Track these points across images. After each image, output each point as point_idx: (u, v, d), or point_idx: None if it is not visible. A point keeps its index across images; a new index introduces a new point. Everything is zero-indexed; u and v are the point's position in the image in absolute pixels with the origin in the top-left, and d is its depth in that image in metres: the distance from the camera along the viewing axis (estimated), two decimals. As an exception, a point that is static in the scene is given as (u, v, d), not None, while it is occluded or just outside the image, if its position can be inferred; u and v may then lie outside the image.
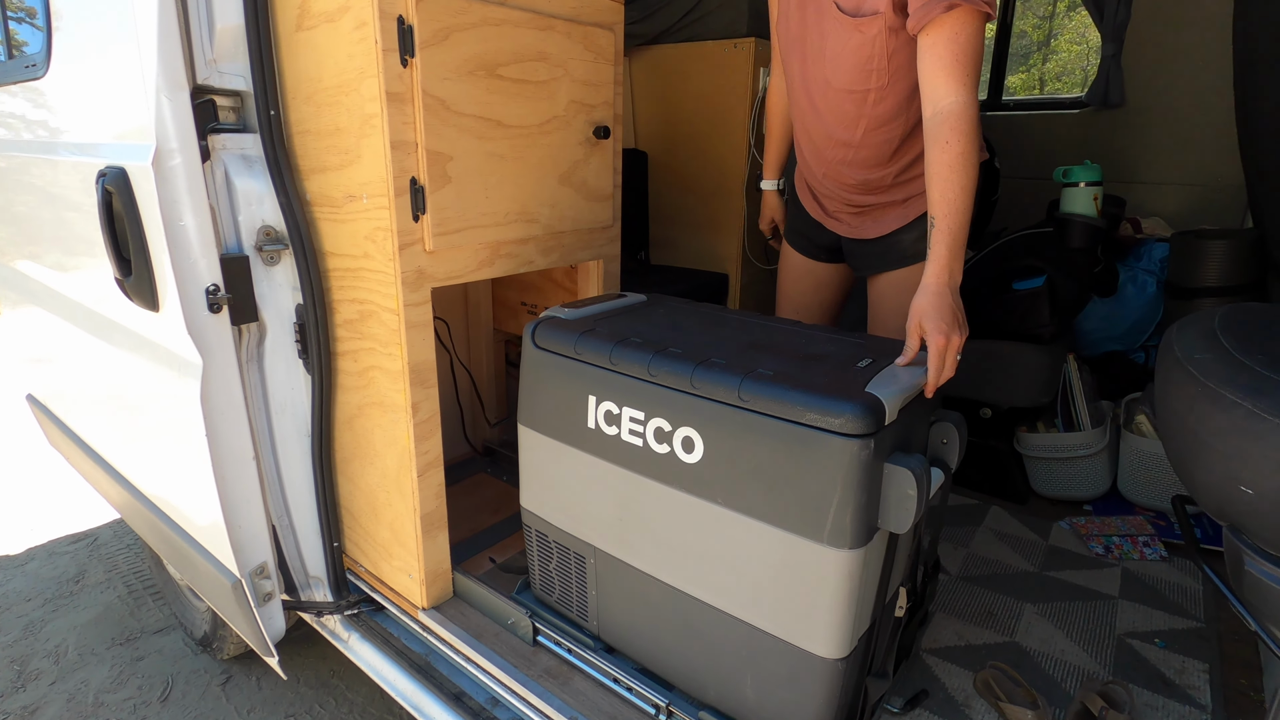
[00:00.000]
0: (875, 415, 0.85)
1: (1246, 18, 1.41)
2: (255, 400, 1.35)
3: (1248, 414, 0.63)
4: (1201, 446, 0.68)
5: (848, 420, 0.84)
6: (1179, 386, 0.74)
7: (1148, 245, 2.02)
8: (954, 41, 1.02)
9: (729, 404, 0.93)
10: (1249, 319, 0.84)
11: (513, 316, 1.93)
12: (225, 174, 1.23)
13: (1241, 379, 0.66)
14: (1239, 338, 0.77)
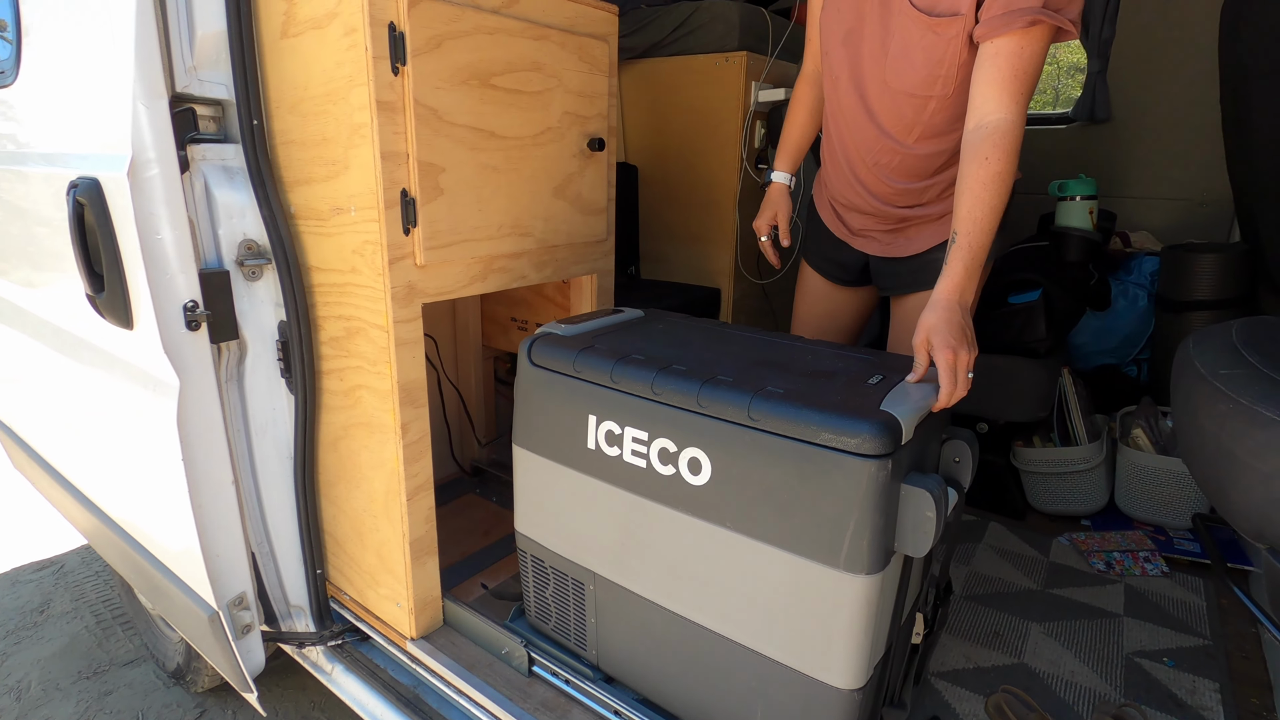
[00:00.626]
0: (892, 434, 0.82)
1: (1236, 33, 1.42)
2: (235, 421, 1.29)
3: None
4: (1238, 466, 0.65)
5: (864, 440, 0.81)
6: (1207, 404, 0.72)
7: (1138, 259, 2.03)
8: (1018, 56, 0.98)
9: (738, 423, 0.90)
10: (1269, 332, 0.82)
11: (503, 333, 1.88)
12: (205, 185, 1.18)
13: (1277, 395, 0.64)
14: (1264, 352, 0.75)
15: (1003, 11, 0.98)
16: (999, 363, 1.76)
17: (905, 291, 1.33)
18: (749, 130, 2.03)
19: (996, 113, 0.99)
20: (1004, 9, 0.98)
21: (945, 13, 1.05)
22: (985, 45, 1.02)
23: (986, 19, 1.01)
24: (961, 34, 1.05)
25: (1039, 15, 0.96)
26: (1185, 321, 1.85)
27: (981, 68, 1.02)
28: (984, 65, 1.02)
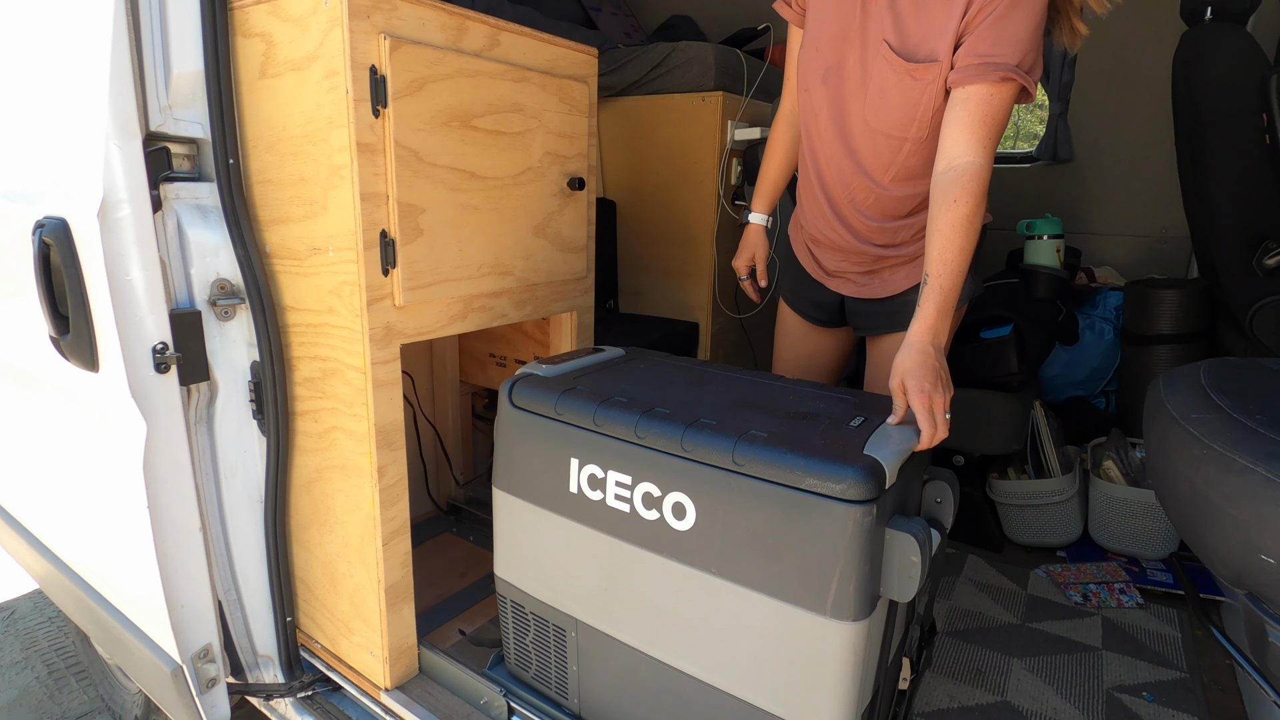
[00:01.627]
0: (876, 479, 0.82)
1: (1189, 82, 1.49)
2: (203, 464, 1.25)
3: (1264, 480, 0.62)
4: (1214, 511, 0.67)
5: (849, 485, 0.81)
6: (1181, 448, 0.73)
7: (1102, 294, 2.09)
8: (988, 102, 1.01)
9: (723, 468, 0.89)
10: (1235, 374, 0.85)
11: (480, 369, 1.86)
12: (178, 224, 1.16)
13: (1251, 442, 0.66)
14: (1232, 396, 0.77)
15: (978, 62, 1.01)
16: (973, 397, 1.78)
17: (881, 332, 1.34)
18: (726, 168, 2.06)
19: (965, 156, 1.02)
20: (980, 60, 1.01)
21: (923, 59, 1.08)
22: (957, 90, 1.05)
23: (961, 66, 1.04)
24: (938, 80, 1.08)
25: (1011, 73, 1.00)
26: (1150, 355, 1.90)
27: (952, 111, 1.05)
28: (954, 109, 1.05)
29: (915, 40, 1.09)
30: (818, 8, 1.21)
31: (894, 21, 1.11)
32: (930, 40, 1.07)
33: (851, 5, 1.15)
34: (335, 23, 1.00)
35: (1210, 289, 1.79)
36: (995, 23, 1.00)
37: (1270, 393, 0.80)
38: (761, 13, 2.80)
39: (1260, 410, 0.72)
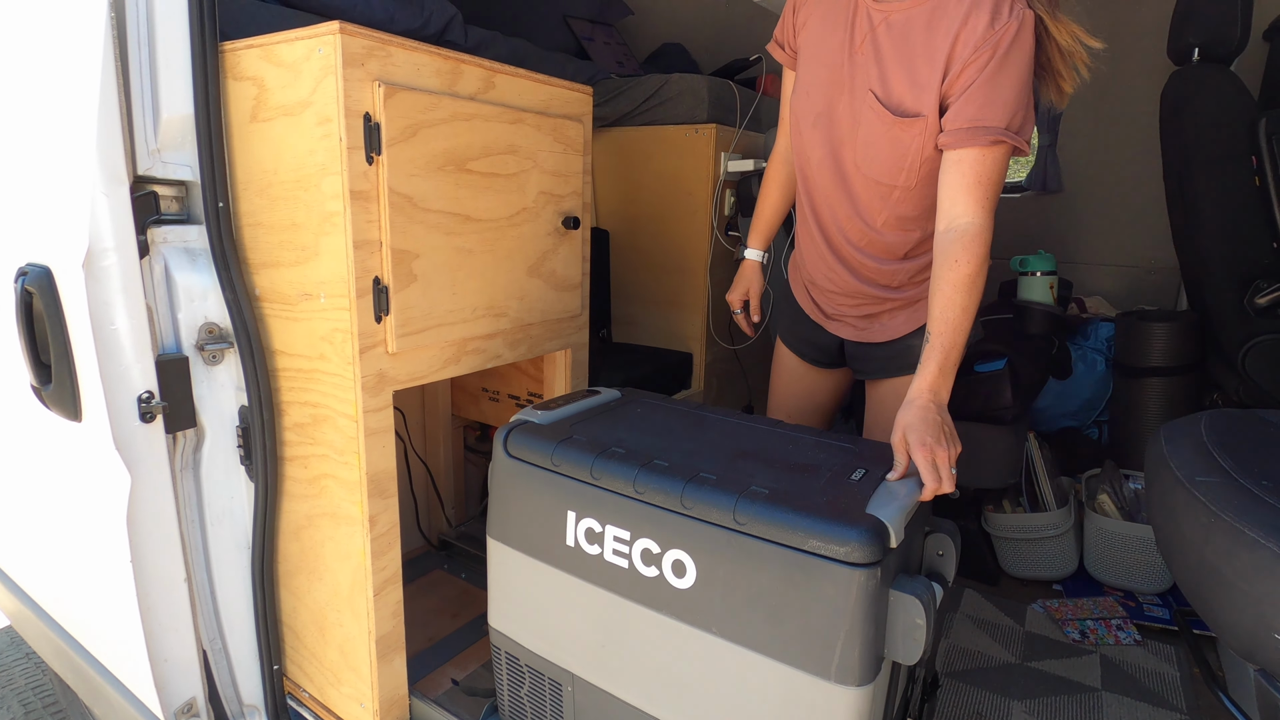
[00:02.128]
0: (880, 540, 0.81)
1: (1179, 122, 1.50)
2: (189, 512, 1.22)
3: (1275, 557, 0.61)
4: (1226, 585, 0.66)
5: (853, 548, 0.80)
6: (1187, 513, 0.72)
7: (1094, 324, 2.10)
8: (980, 164, 1.01)
9: (723, 526, 0.88)
10: (1237, 429, 0.84)
11: (473, 403, 1.84)
12: (165, 269, 1.14)
13: (1260, 512, 0.65)
14: (1236, 456, 0.77)
15: (969, 126, 1.01)
16: (968, 430, 1.77)
17: (880, 377, 1.33)
18: (719, 199, 2.06)
19: (964, 217, 1.02)
20: (970, 124, 1.01)
21: (908, 113, 1.08)
22: (949, 153, 1.05)
23: (952, 130, 1.03)
24: (924, 133, 1.08)
25: (1001, 136, 1.00)
26: (1142, 387, 1.91)
27: (947, 172, 1.05)
28: (949, 170, 1.05)
29: (900, 93, 1.09)
30: (809, 53, 1.22)
31: (879, 73, 1.11)
32: (915, 94, 1.07)
33: (840, 53, 1.15)
34: (329, 70, 0.99)
35: (1201, 322, 1.80)
36: (982, 86, 1.00)
37: (1274, 451, 0.79)
38: (752, 41, 2.83)
39: (1265, 474, 0.71)
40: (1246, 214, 1.43)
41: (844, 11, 1.15)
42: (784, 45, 1.28)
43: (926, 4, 1.06)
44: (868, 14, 1.11)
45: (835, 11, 1.16)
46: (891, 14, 1.09)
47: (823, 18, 1.19)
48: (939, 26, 1.04)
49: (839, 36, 1.15)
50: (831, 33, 1.17)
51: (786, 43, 1.28)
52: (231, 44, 1.11)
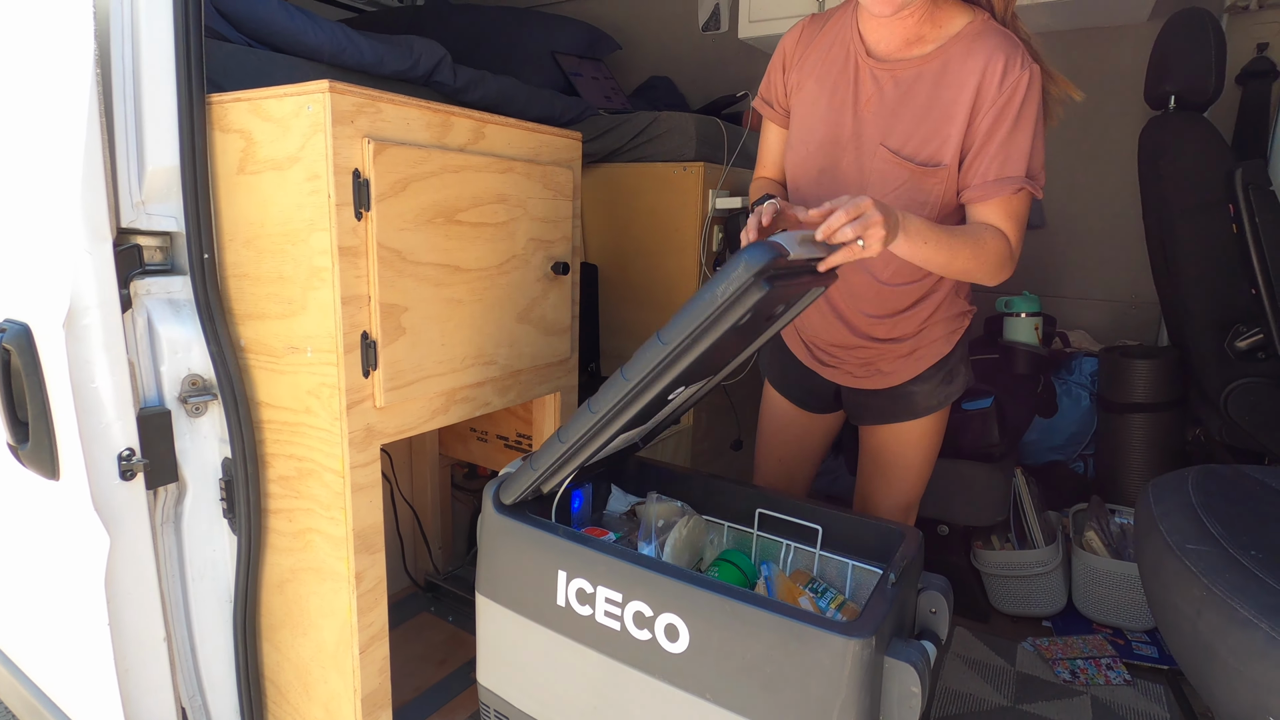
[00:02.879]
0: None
1: (1157, 173, 1.53)
2: (169, 567, 1.19)
3: (1268, 638, 0.62)
4: (1220, 662, 0.66)
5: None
6: (1179, 583, 0.73)
7: (1078, 359, 2.12)
8: (1008, 206, 1.08)
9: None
10: (1225, 490, 0.85)
11: (461, 442, 1.83)
12: (149, 321, 1.12)
13: (1252, 589, 0.65)
14: (1225, 522, 0.77)
15: (995, 179, 1.06)
16: (958, 468, 1.79)
17: (880, 422, 1.32)
18: (707, 235, 2.07)
19: (998, 226, 1.07)
20: (996, 176, 1.06)
21: (931, 162, 1.11)
22: (978, 205, 1.09)
23: (978, 184, 1.08)
24: (945, 181, 1.11)
25: (1024, 184, 1.06)
26: (1125, 422, 1.93)
27: (978, 216, 1.10)
28: (979, 213, 1.10)
29: (917, 144, 1.12)
30: (805, 112, 1.23)
31: (893, 127, 1.13)
32: (936, 144, 1.10)
33: (843, 112, 1.17)
34: (318, 128, 0.99)
35: (1182, 359, 1.82)
36: (1003, 144, 1.05)
37: (1260, 515, 0.80)
38: (738, 76, 2.86)
39: (1254, 543, 0.72)
40: (1225, 260, 1.46)
41: (843, 72, 1.17)
42: (773, 104, 1.30)
43: (935, 60, 1.09)
44: (872, 73, 1.14)
45: (832, 72, 1.18)
46: (898, 71, 1.12)
47: (819, 79, 1.20)
48: (951, 80, 1.08)
49: (841, 95, 1.17)
50: (831, 93, 1.19)
51: (776, 101, 1.29)
52: (219, 96, 1.11)
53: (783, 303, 1.06)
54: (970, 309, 1.32)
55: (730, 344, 1.02)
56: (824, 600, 1.07)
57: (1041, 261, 2.34)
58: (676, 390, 1.07)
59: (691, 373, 0.98)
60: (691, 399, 1.23)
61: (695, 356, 0.88)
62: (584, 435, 0.97)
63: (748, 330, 1.01)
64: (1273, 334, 1.41)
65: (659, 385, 0.92)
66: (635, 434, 1.20)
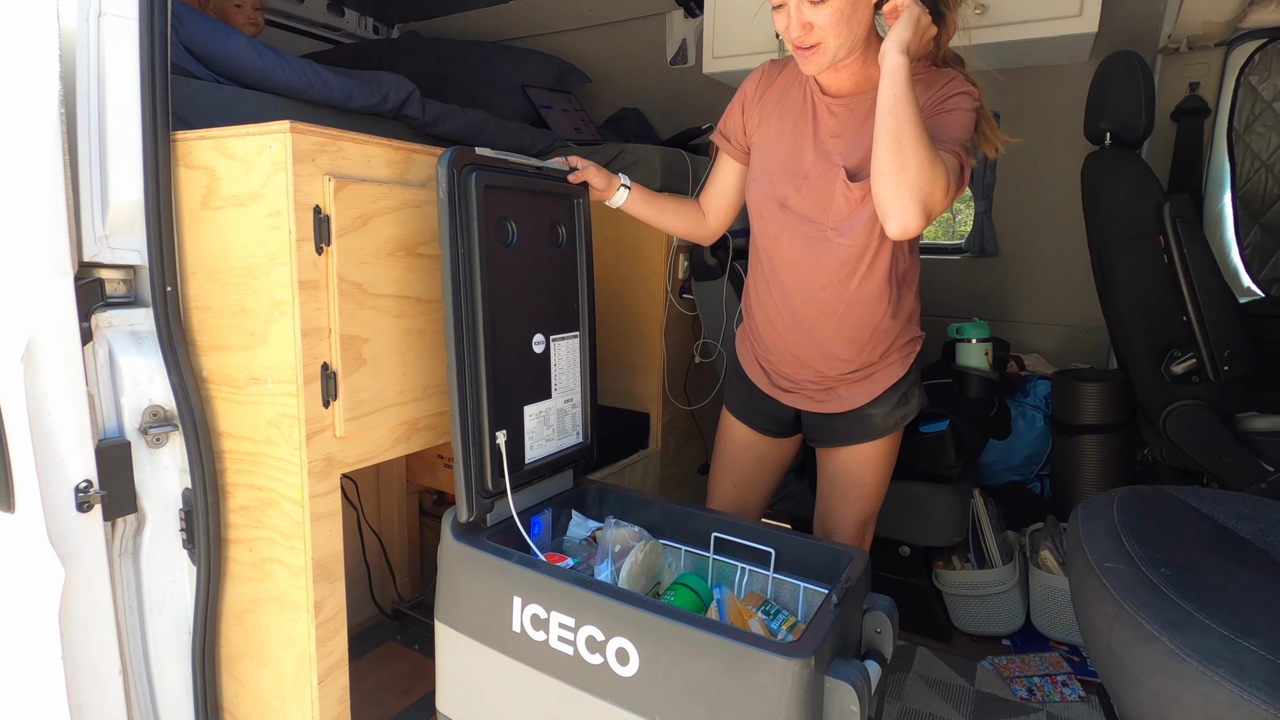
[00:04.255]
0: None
1: (1095, 206, 1.61)
2: (127, 599, 1.19)
3: (1168, 651, 0.66)
4: (1129, 676, 0.70)
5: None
6: (1097, 602, 0.77)
7: (1032, 382, 2.19)
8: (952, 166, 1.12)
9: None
10: (1147, 510, 0.90)
11: (429, 469, 1.83)
12: (109, 353, 1.13)
13: (1158, 606, 0.69)
14: (1143, 540, 0.81)
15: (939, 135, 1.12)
16: (915, 490, 1.83)
17: (839, 444, 1.37)
18: (673, 263, 2.12)
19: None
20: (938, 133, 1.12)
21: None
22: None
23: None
24: None
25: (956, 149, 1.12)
26: (1078, 443, 2.00)
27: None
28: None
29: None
30: (767, 147, 1.30)
31: (853, 151, 1.21)
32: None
33: (803, 144, 1.26)
34: (279, 166, 1.02)
35: (1129, 382, 1.89)
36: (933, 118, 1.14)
37: (1177, 534, 0.85)
38: (704, 108, 2.95)
39: (1167, 560, 0.76)
40: (1159, 288, 1.54)
41: (803, 110, 1.27)
42: (731, 139, 1.37)
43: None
44: (829, 110, 1.24)
45: (792, 110, 1.28)
46: (853, 105, 1.22)
47: (780, 116, 1.30)
48: None
49: (801, 130, 1.27)
50: (791, 129, 1.28)
51: (734, 137, 1.37)
52: (184, 134, 1.14)
53: (557, 220, 1.29)
54: (922, 334, 1.38)
55: (541, 269, 1.25)
56: (776, 622, 1.10)
57: (995, 288, 2.43)
58: (536, 339, 1.22)
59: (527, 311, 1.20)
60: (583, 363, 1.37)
61: (480, 270, 1.08)
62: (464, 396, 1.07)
63: (539, 249, 1.24)
64: (1204, 359, 1.48)
65: (478, 315, 1.08)
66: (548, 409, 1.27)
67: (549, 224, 1.28)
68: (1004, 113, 2.26)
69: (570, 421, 1.33)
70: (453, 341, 1.07)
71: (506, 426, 1.16)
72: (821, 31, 1.10)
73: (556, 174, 1.29)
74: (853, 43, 1.13)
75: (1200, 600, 0.69)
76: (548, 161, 1.27)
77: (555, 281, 1.30)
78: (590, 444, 1.36)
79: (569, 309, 1.34)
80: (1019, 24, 1.89)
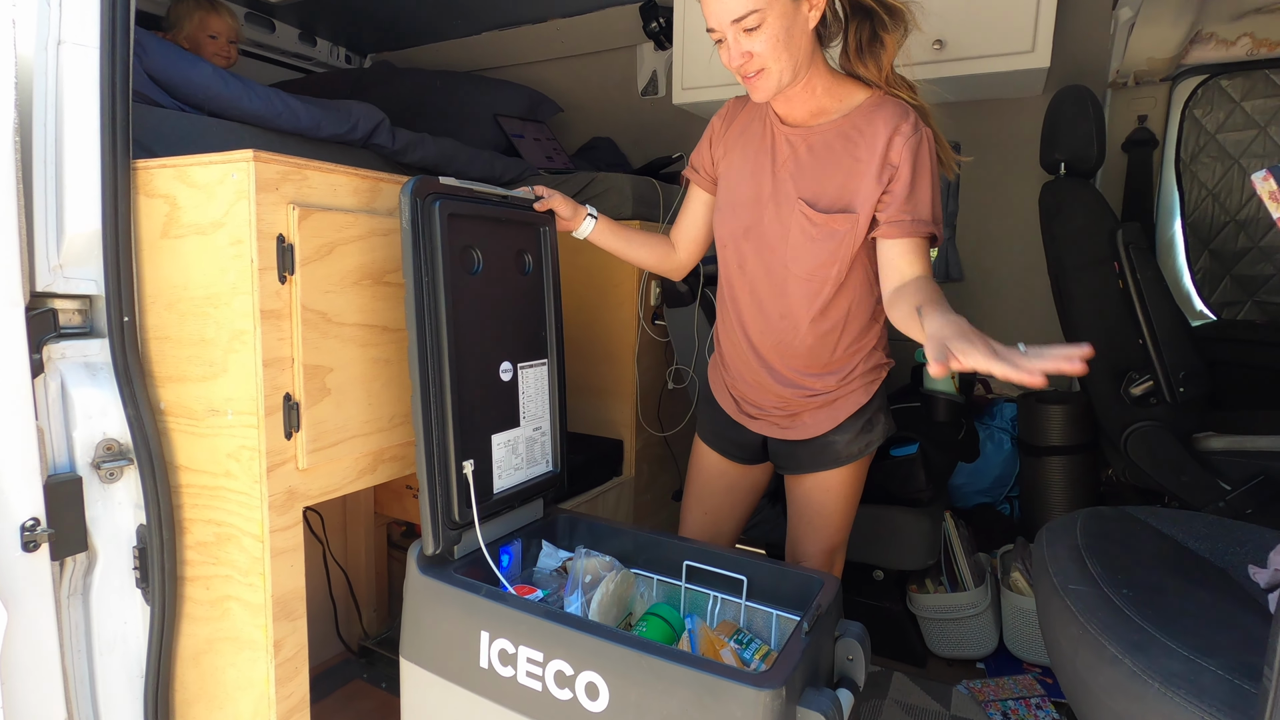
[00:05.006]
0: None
1: (1052, 233, 1.66)
2: (75, 642, 1.14)
3: (1130, 674, 0.66)
4: (1094, 698, 0.70)
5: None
6: (1062, 624, 0.77)
7: (999, 404, 2.23)
8: (918, 247, 1.18)
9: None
10: (1108, 531, 0.91)
11: (396, 500, 1.80)
12: (61, 385, 1.10)
13: (1120, 628, 0.70)
14: (1105, 561, 0.82)
15: (911, 219, 1.17)
16: (886, 514, 1.84)
17: (803, 472, 1.37)
18: (645, 291, 2.13)
19: (916, 271, 1.16)
20: (911, 216, 1.17)
21: (842, 210, 1.21)
22: (890, 241, 1.19)
23: (897, 220, 1.18)
24: (855, 228, 1.21)
25: (931, 228, 1.17)
26: (1044, 465, 2.03)
27: (890, 251, 1.19)
28: (892, 251, 1.19)
29: (831, 197, 1.23)
30: (731, 178, 1.34)
31: (808, 183, 1.24)
32: (847, 195, 1.22)
33: (763, 175, 1.29)
34: (242, 195, 1.01)
35: (1091, 405, 1.94)
36: (910, 194, 1.17)
37: (1139, 555, 0.86)
38: (676, 138, 2.99)
39: (1129, 581, 0.77)
40: (1115, 313, 1.58)
41: (762, 141, 1.30)
42: (700, 170, 1.41)
43: (842, 125, 1.23)
44: (787, 139, 1.27)
45: (754, 143, 1.32)
46: (811, 137, 1.25)
47: (743, 149, 1.33)
48: (857, 141, 1.21)
49: (761, 160, 1.30)
50: (752, 158, 1.31)
51: (703, 168, 1.41)
52: (145, 162, 1.12)
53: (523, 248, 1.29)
54: (888, 361, 1.39)
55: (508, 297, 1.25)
56: (749, 651, 1.09)
57: (961, 311, 2.45)
58: (503, 367, 1.21)
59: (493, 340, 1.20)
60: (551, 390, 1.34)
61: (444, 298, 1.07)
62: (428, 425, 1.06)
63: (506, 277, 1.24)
64: (1160, 382, 1.52)
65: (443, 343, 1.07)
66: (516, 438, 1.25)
67: (515, 252, 1.27)
68: (965, 142, 2.32)
69: (540, 450, 1.32)
70: (417, 371, 1.05)
71: (474, 456, 1.14)
72: (761, 58, 1.14)
73: (522, 203, 1.30)
74: (795, 65, 1.16)
75: (1161, 621, 0.70)
76: (513, 190, 1.28)
77: (522, 309, 1.29)
78: (561, 472, 1.35)
79: (537, 336, 1.33)
80: (975, 59, 1.96)
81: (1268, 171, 0.60)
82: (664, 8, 2.80)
